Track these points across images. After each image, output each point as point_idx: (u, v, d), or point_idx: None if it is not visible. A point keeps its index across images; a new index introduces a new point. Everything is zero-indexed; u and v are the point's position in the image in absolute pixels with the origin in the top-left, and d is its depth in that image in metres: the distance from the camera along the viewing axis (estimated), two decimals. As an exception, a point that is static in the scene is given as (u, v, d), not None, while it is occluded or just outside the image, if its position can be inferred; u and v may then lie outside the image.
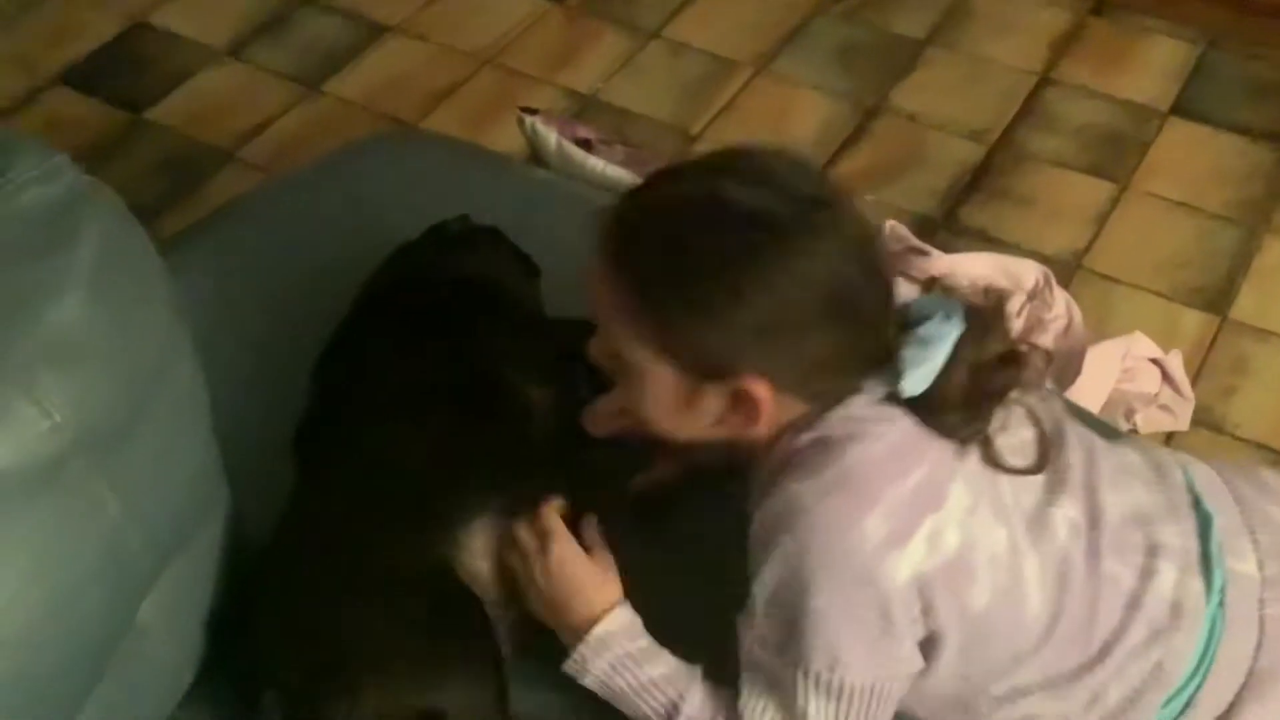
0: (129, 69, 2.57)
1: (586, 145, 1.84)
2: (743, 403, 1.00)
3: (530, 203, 1.60)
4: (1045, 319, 1.85)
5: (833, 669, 0.99)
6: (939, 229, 2.23)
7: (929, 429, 1.01)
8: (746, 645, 1.04)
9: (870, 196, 2.25)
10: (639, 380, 1.03)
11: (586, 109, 2.46)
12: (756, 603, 1.02)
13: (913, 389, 0.99)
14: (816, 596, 0.98)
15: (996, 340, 1.02)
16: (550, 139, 1.84)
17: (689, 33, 2.64)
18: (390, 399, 1.22)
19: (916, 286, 1.18)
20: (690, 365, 1.00)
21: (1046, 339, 1.82)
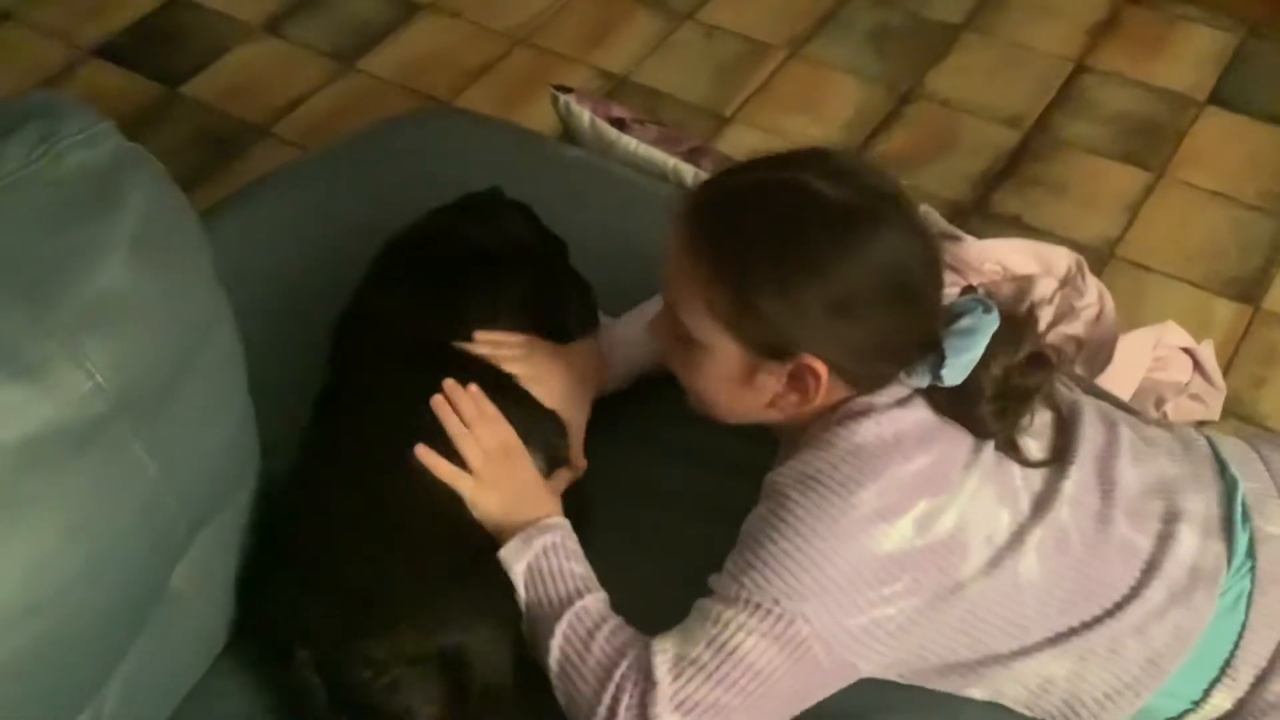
0: (166, 43, 2.58)
1: (620, 124, 1.84)
2: (798, 383, 1.06)
3: (563, 180, 1.61)
4: (1077, 306, 1.84)
5: (778, 602, 1.01)
6: (972, 215, 2.22)
7: (959, 423, 1.07)
8: (709, 584, 1.06)
9: (903, 181, 2.24)
10: (702, 356, 1.08)
11: (619, 90, 2.46)
12: (740, 538, 1.06)
13: (952, 379, 1.05)
14: (796, 538, 1.02)
15: (1029, 341, 1.08)
16: (584, 117, 1.84)
17: (723, 15, 2.63)
18: (398, 356, 1.24)
19: (955, 276, 1.22)
20: (757, 342, 1.05)
21: (1078, 326, 1.82)
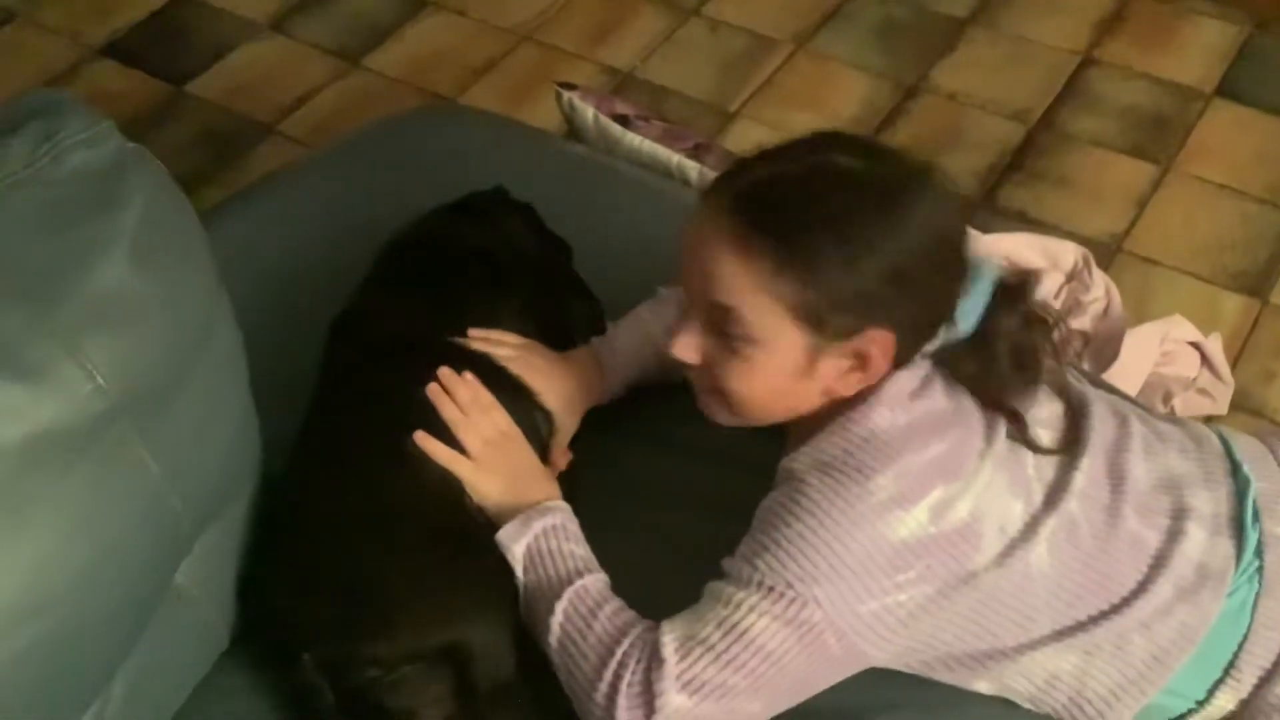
0: (171, 42, 2.58)
1: (624, 121, 1.83)
2: (861, 360, 1.06)
3: (567, 178, 1.60)
4: (1084, 301, 1.84)
5: (791, 586, 1.01)
6: (978, 209, 2.22)
7: (977, 389, 1.08)
8: (722, 568, 1.06)
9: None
10: (759, 354, 1.06)
11: (624, 86, 2.46)
12: (753, 523, 1.06)
13: (966, 325, 1.08)
14: (808, 521, 1.02)
15: (1022, 309, 1.10)
16: (588, 114, 1.84)
17: (728, 10, 2.63)
18: (389, 355, 1.24)
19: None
20: (825, 326, 1.04)
21: (1085, 321, 1.81)
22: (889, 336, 1.05)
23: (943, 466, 1.04)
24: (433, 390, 1.17)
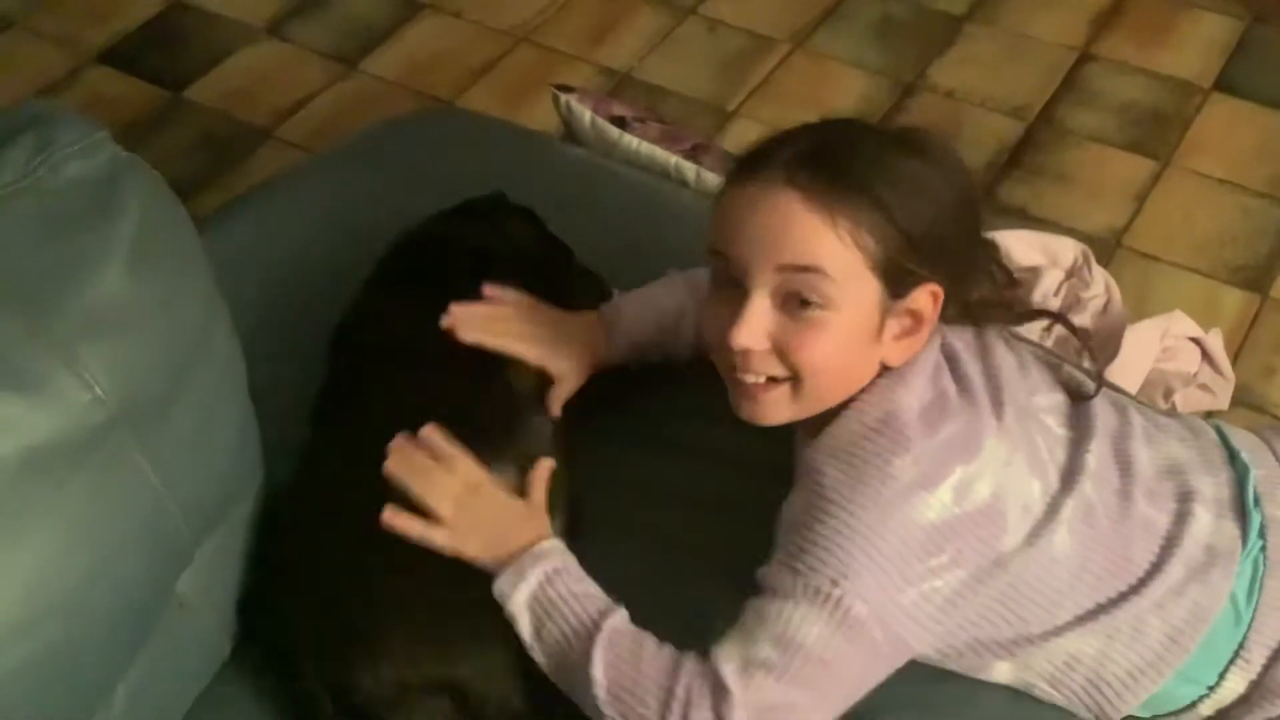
0: (168, 47, 2.58)
1: (621, 123, 1.83)
2: (915, 317, 1.08)
3: (565, 180, 1.60)
4: (1084, 297, 1.84)
5: (836, 583, 1.00)
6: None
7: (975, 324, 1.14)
8: (759, 580, 1.05)
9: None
10: (835, 316, 1.05)
11: (622, 86, 2.46)
12: (780, 529, 1.06)
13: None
14: (840, 515, 1.02)
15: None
16: (585, 117, 1.84)
17: (725, 9, 2.63)
18: (391, 364, 1.23)
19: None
20: (897, 274, 1.05)
21: (1085, 317, 1.81)
22: (939, 291, 1.07)
23: (959, 446, 1.05)
24: (388, 468, 1.12)
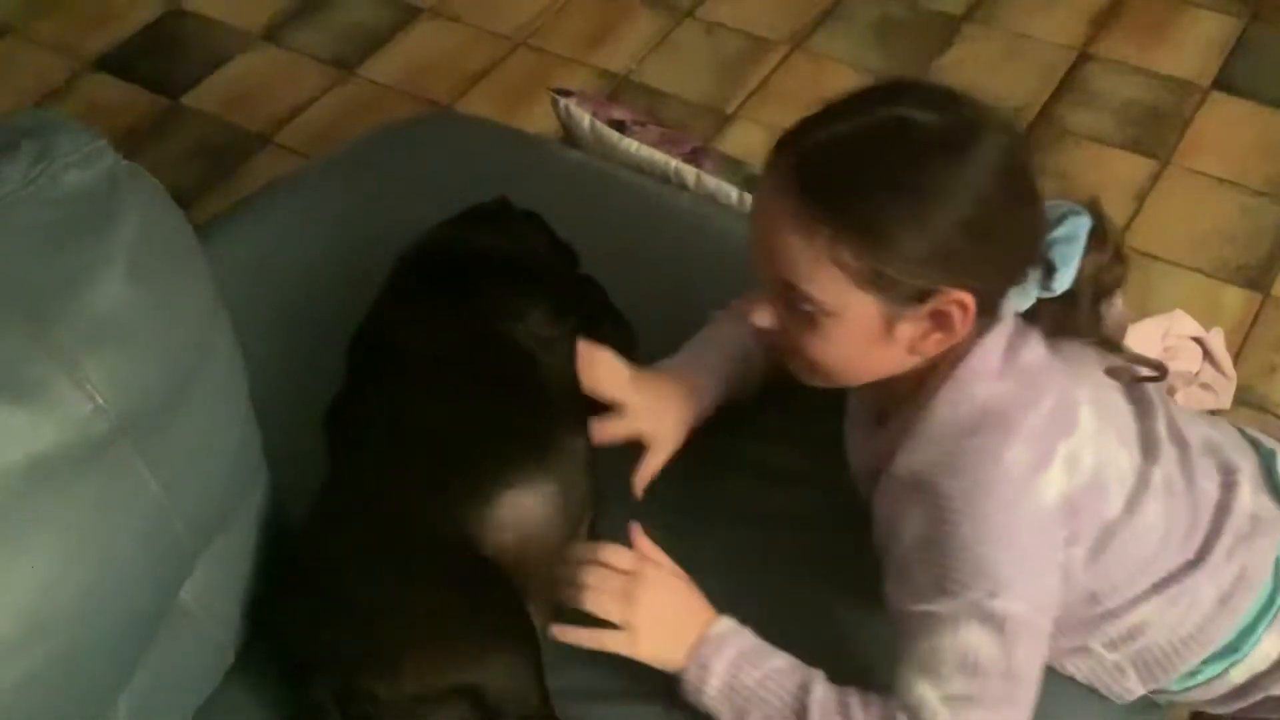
0: (166, 54, 2.58)
1: (620, 126, 1.83)
2: (943, 319, 1.02)
3: (565, 184, 1.60)
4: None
5: (993, 594, 1.00)
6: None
7: (1059, 336, 1.07)
8: (897, 607, 1.04)
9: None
10: (831, 325, 1.02)
11: (620, 89, 2.46)
12: (906, 554, 1.04)
13: (1062, 285, 1.05)
14: (970, 525, 1.01)
15: (1112, 240, 1.08)
16: (584, 120, 1.83)
17: (723, 11, 2.63)
18: (415, 375, 1.22)
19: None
20: (897, 291, 1.00)
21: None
22: (967, 296, 1.00)
23: (1058, 421, 1.04)
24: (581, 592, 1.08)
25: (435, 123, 1.95)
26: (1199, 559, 1.12)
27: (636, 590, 1.07)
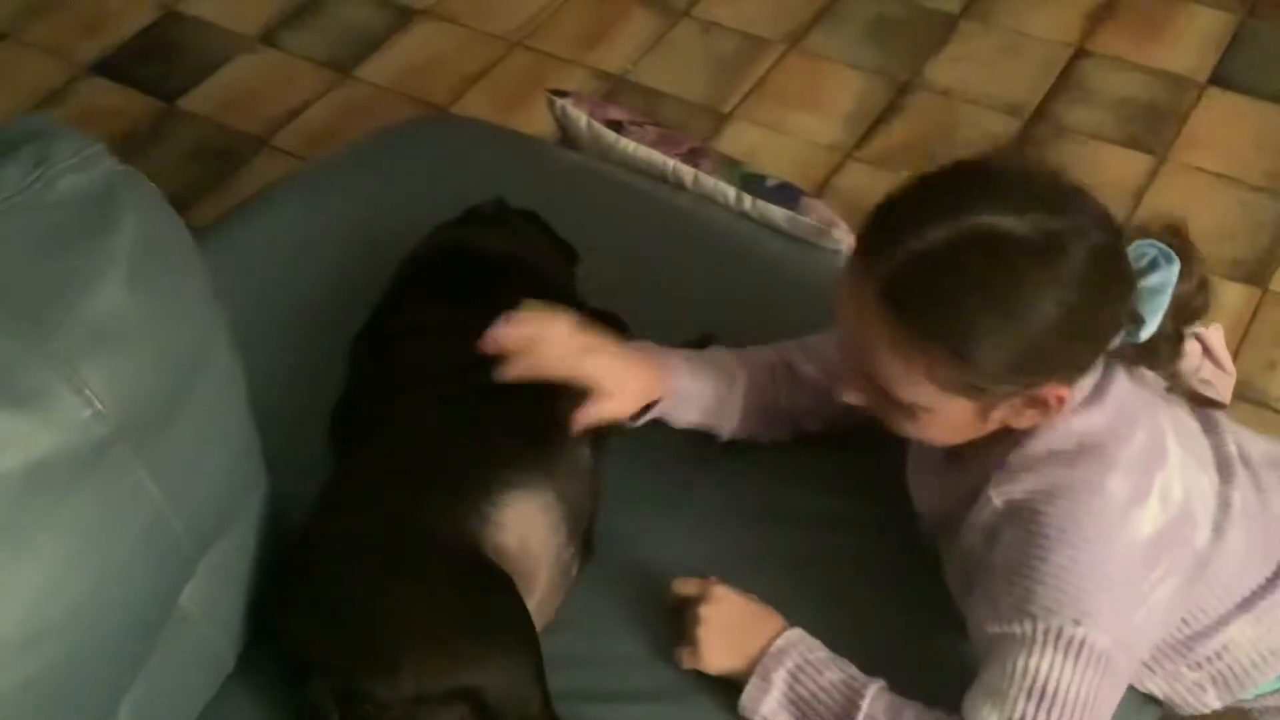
0: (162, 58, 2.58)
1: (617, 127, 1.83)
2: (1039, 404, 1.02)
3: (563, 185, 1.60)
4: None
5: (1078, 622, 0.99)
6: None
7: (1138, 371, 1.07)
8: (978, 633, 1.04)
9: (905, 173, 2.23)
10: (924, 413, 1.03)
11: (617, 89, 2.46)
12: (994, 578, 1.04)
13: (1148, 334, 1.04)
14: (1064, 551, 1.00)
15: (1197, 270, 1.06)
16: (581, 121, 1.83)
17: (719, 11, 2.62)
18: (419, 377, 1.22)
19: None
20: (987, 393, 1.01)
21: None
22: (1062, 386, 1.01)
23: (1152, 452, 1.05)
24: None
25: (432, 125, 1.95)
26: (1277, 574, 1.12)
27: (702, 609, 1.11)
